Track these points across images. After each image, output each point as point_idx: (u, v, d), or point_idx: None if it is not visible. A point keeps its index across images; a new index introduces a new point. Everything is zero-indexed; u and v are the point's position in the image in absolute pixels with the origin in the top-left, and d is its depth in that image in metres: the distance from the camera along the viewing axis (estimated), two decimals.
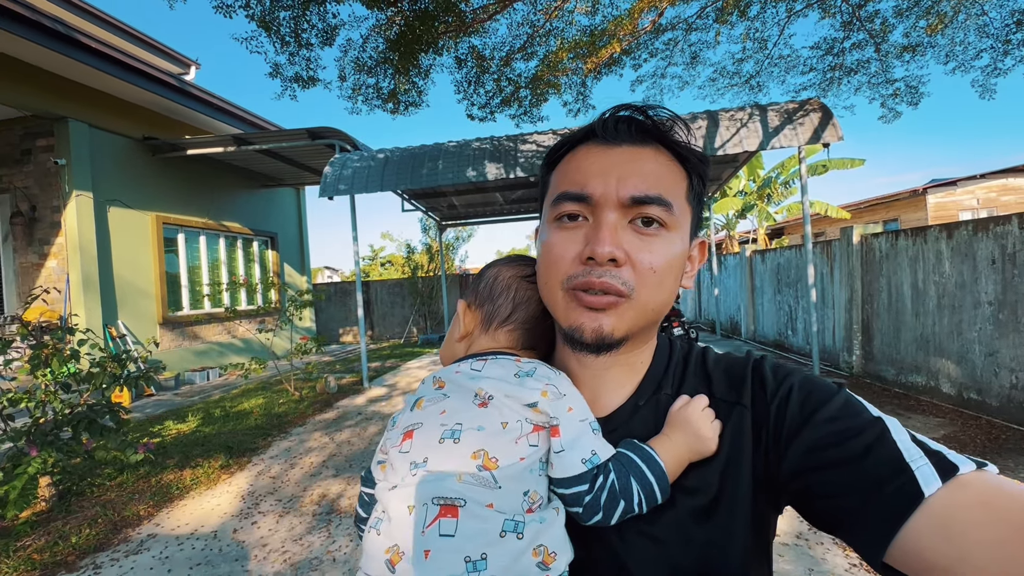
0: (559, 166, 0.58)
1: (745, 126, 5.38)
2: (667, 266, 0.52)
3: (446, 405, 0.53)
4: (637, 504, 0.50)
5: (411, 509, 0.47)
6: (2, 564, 2.58)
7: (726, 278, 10.76)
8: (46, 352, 3.29)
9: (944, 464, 0.41)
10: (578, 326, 0.52)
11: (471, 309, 0.65)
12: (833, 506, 0.44)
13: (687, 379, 0.59)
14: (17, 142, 6.21)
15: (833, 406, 0.48)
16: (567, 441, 0.50)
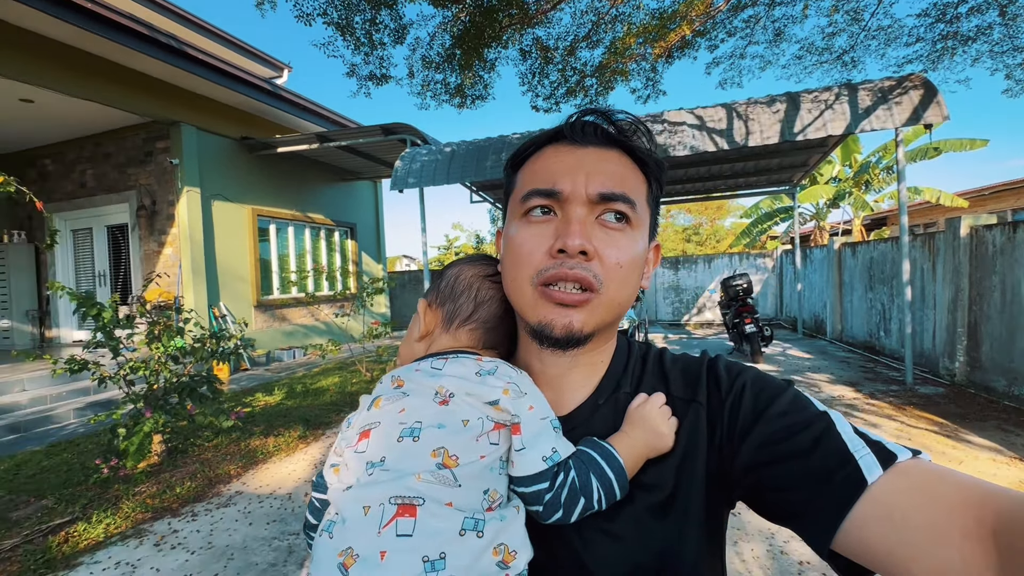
0: (526, 165, 0.59)
1: (831, 108, 4.93)
2: (631, 262, 0.54)
3: (405, 403, 0.52)
4: (597, 501, 0.50)
5: (367, 510, 0.45)
6: (124, 504, 3.06)
7: (811, 272, 9.95)
8: (158, 328, 3.82)
9: (884, 453, 0.43)
10: (548, 322, 0.52)
11: (432, 308, 0.65)
12: (784, 498, 0.46)
13: (645, 378, 0.60)
14: (141, 145, 7.13)
15: (783, 401, 0.50)
16: (528, 439, 0.50)
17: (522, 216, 0.55)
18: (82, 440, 4.32)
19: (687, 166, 8.04)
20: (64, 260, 7.90)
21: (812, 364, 6.64)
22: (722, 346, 8.44)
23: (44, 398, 5.10)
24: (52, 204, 7.70)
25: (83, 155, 7.58)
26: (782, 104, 5.21)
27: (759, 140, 5.14)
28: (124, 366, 3.57)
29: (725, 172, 8.77)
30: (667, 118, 5.60)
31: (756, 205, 15.57)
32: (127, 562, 2.50)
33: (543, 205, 0.54)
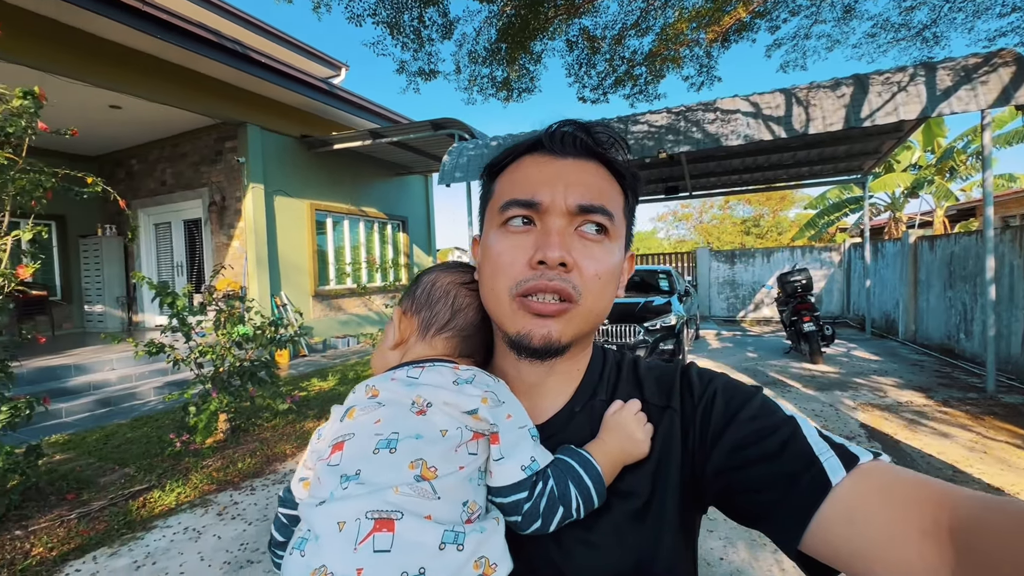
0: (503, 175, 0.58)
1: (904, 90, 4.52)
2: (609, 273, 0.54)
3: (381, 414, 0.51)
4: (575, 509, 0.50)
5: (342, 525, 0.43)
6: (193, 476, 3.36)
7: (882, 268, 9.24)
8: (224, 316, 4.13)
9: (847, 455, 0.44)
10: (526, 332, 0.52)
11: (407, 316, 0.63)
12: (753, 501, 0.47)
13: (620, 385, 0.61)
14: (212, 144, 7.68)
15: (752, 407, 0.51)
16: (506, 448, 0.50)
17: (501, 226, 0.55)
18: (160, 416, 4.76)
19: (743, 155, 7.66)
20: (148, 251, 8.67)
21: (879, 367, 6.19)
22: (779, 345, 8.03)
23: (130, 376, 5.66)
24: (137, 200, 8.47)
25: (163, 155, 8.26)
26: (848, 87, 4.84)
27: (821, 127, 4.81)
28: (194, 350, 3.89)
29: (787, 161, 8.27)
30: (720, 106, 5.35)
31: (823, 195, 14.59)
32: (194, 528, 2.76)
33: (522, 215, 0.54)
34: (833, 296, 11.23)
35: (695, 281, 12.31)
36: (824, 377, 5.72)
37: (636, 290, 7.40)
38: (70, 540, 2.60)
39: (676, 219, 29.89)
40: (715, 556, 2.38)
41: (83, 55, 5.31)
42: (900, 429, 3.93)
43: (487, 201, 0.60)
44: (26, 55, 4.78)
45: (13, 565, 2.37)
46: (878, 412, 4.37)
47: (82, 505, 2.95)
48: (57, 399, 4.79)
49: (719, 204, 27.31)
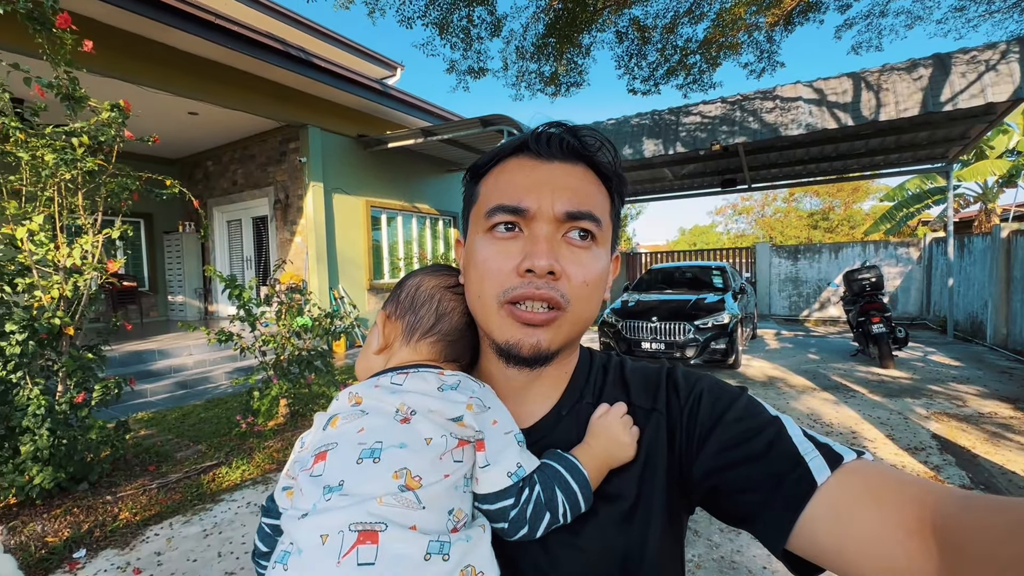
0: (487, 178, 0.57)
1: (993, 69, 4.08)
2: (597, 279, 0.54)
3: (364, 422, 0.49)
4: (562, 514, 0.50)
5: (324, 539, 0.42)
6: (256, 455, 3.64)
7: (969, 265, 8.40)
8: (285, 308, 4.42)
9: (832, 455, 0.45)
10: (515, 342, 0.52)
11: (391, 320, 0.63)
12: (740, 501, 0.48)
13: (607, 388, 0.60)
14: (277, 146, 8.17)
15: (738, 407, 0.52)
16: (492, 455, 0.50)
17: (487, 232, 0.54)
18: (229, 398, 5.17)
19: (808, 145, 7.19)
20: (221, 246, 9.38)
21: (960, 373, 5.67)
22: (845, 347, 7.53)
23: (205, 361, 6.17)
24: (212, 199, 9.16)
25: (234, 157, 8.88)
26: (927, 69, 4.43)
27: (893, 113, 4.44)
28: (258, 339, 4.19)
29: (858, 149, 7.69)
30: (779, 94, 5.06)
31: (901, 185, 13.43)
32: (255, 503, 2.99)
33: (508, 222, 0.53)
34: (911, 296, 10.35)
35: (754, 278, 11.74)
36: (894, 383, 5.31)
37: (688, 287, 7.17)
38: (151, 507, 2.89)
39: (736, 213, 28.52)
40: (758, 565, 2.30)
41: (164, 67, 5.80)
42: (979, 442, 3.60)
43: (471, 205, 0.60)
44: (116, 68, 5.29)
45: (104, 526, 2.68)
46: (955, 423, 4.02)
47: (161, 476, 3.28)
48: (143, 380, 5.31)
49: (783, 197, 25.78)
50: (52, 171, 2.62)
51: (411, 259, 9.89)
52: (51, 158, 2.55)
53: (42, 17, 2.46)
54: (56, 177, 2.68)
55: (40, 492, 2.73)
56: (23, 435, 2.68)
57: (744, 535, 2.53)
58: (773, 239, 24.49)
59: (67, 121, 2.83)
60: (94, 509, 2.83)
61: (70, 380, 2.91)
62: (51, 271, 2.90)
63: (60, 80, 2.65)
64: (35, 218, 2.73)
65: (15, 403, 2.69)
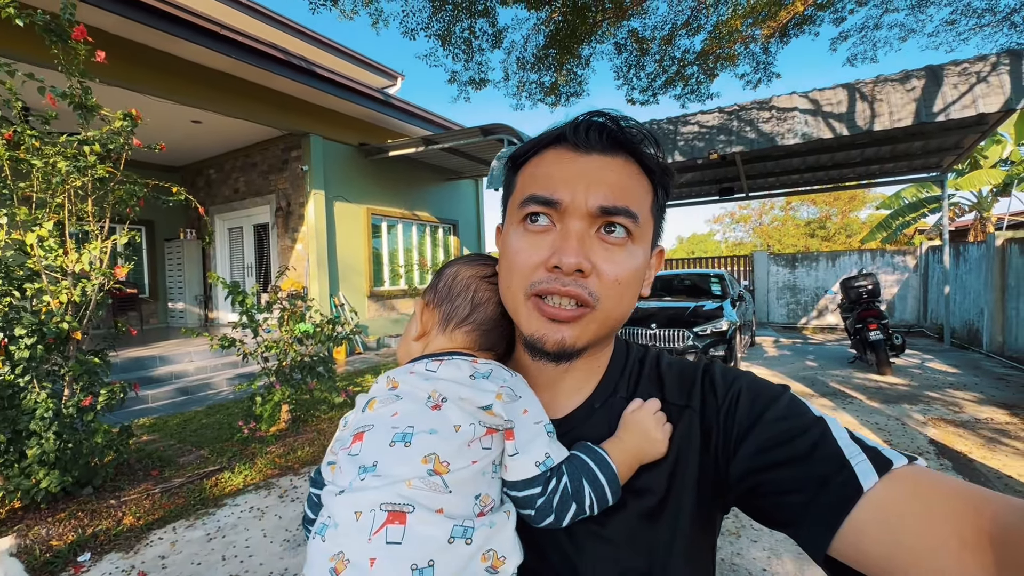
0: (526, 167, 0.56)
1: (984, 80, 4.18)
2: (630, 277, 0.52)
3: (398, 407, 0.51)
4: (589, 506, 0.50)
5: (358, 515, 0.45)
6: (258, 460, 3.65)
7: (964, 273, 8.48)
8: (287, 314, 4.45)
9: (880, 459, 0.43)
10: (540, 336, 0.51)
11: (429, 308, 0.64)
12: (781, 503, 0.46)
13: (641, 382, 0.59)
14: (279, 154, 8.25)
15: (780, 406, 0.49)
16: (521, 444, 0.50)
17: (520, 222, 0.54)
18: (231, 404, 5.18)
19: (804, 154, 7.29)
20: (222, 253, 9.42)
21: (957, 380, 5.71)
22: (842, 354, 7.57)
23: (205, 368, 6.18)
24: (214, 207, 9.22)
25: (236, 165, 8.95)
26: (919, 80, 4.52)
27: (887, 123, 4.53)
28: (261, 345, 4.22)
29: (854, 159, 7.79)
30: (775, 104, 5.15)
31: (897, 194, 13.57)
32: (258, 508, 3.00)
33: (541, 212, 0.52)
34: (907, 303, 10.42)
35: (752, 285, 11.80)
36: (892, 389, 5.35)
37: (687, 294, 7.22)
38: (154, 511, 2.91)
39: (733, 221, 28.71)
40: (758, 567, 2.32)
41: (170, 76, 5.88)
42: (976, 447, 3.63)
43: (509, 194, 0.59)
44: (122, 78, 5.36)
45: (108, 530, 2.69)
46: (951, 428, 4.05)
47: (164, 481, 3.29)
48: (144, 386, 5.32)
49: (780, 205, 25.98)
50: (63, 178, 2.67)
51: (411, 267, 9.94)
52: (63, 165, 2.60)
53: (58, 29, 2.53)
54: (67, 184, 2.73)
55: (45, 496, 2.75)
56: (29, 439, 2.70)
57: (744, 538, 2.55)
58: (771, 247, 24.63)
59: (75, 129, 2.89)
60: (98, 513, 2.85)
61: (76, 384, 2.94)
62: (59, 276, 2.94)
63: (73, 90, 2.71)
64: (45, 224, 2.77)
65: (22, 407, 2.71)
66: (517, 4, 4.84)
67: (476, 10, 4.88)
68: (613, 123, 0.53)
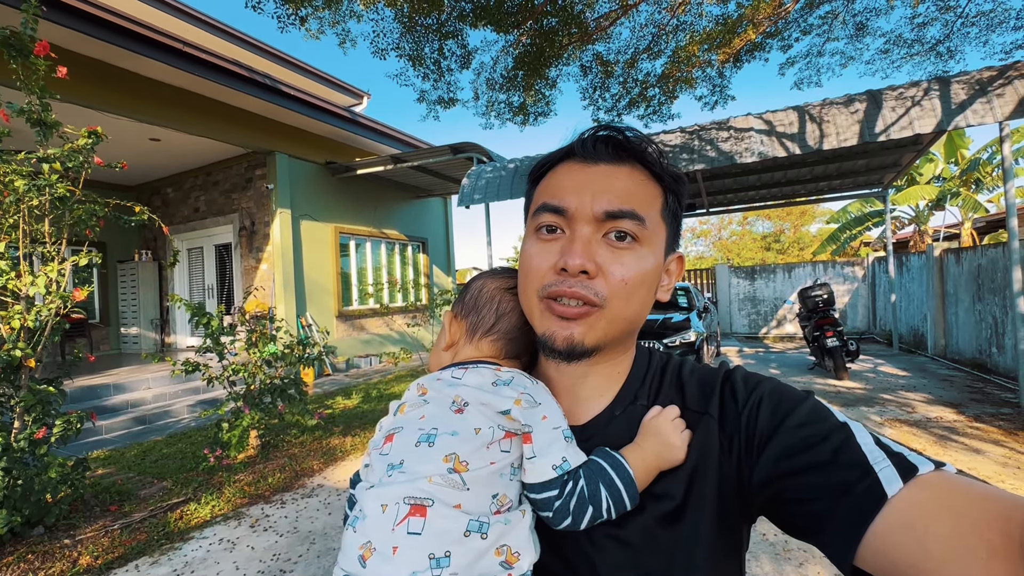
0: (542, 182, 0.61)
1: (918, 104, 4.56)
2: (638, 278, 0.54)
3: (426, 411, 0.55)
4: (606, 510, 0.51)
5: (384, 508, 0.48)
6: (226, 489, 3.49)
7: (908, 282, 9.07)
8: (255, 335, 4.31)
9: (905, 465, 0.42)
10: (550, 334, 0.54)
11: (457, 319, 0.68)
12: (804, 511, 0.45)
13: (663, 389, 0.60)
14: (243, 173, 8.06)
15: (802, 412, 0.49)
16: (539, 448, 0.53)
17: (534, 231, 0.57)
18: (194, 432, 4.94)
19: (759, 171, 7.70)
20: (181, 275, 9.04)
21: (907, 382, 6.06)
22: (802, 361, 7.91)
23: (164, 395, 5.88)
24: (173, 227, 8.88)
25: (197, 183, 8.68)
26: (862, 103, 4.89)
27: (835, 143, 4.86)
28: (227, 368, 4.06)
29: (804, 176, 8.27)
30: (733, 124, 5.44)
31: (844, 209, 14.44)
32: (228, 539, 2.87)
33: (551, 223, 0.56)
34: (858, 311, 11.01)
35: (715, 298, 12.22)
36: (850, 393, 5.62)
37: (655, 307, 7.41)
38: (114, 549, 2.73)
39: (695, 236, 29.72)
40: None
41: (126, 93, 5.70)
42: (929, 445, 3.85)
43: (528, 207, 0.63)
44: (80, 95, 5.16)
45: (63, 573, 2.51)
46: (906, 428, 4.29)
47: (124, 516, 3.10)
48: (98, 417, 5.01)
49: (738, 220, 27.13)
50: (19, 197, 2.54)
51: (380, 285, 9.81)
52: (21, 184, 2.48)
53: (19, 44, 2.43)
54: (23, 203, 2.59)
55: None
56: None
57: None
58: (731, 261, 25.59)
59: (29, 146, 2.76)
60: (51, 554, 2.65)
61: (28, 416, 2.75)
62: (11, 301, 2.77)
63: (32, 106, 2.59)
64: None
65: None
66: (486, 27, 4.97)
67: (446, 31, 4.98)
68: (618, 133, 0.56)
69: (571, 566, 0.54)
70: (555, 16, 4.76)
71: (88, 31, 4.75)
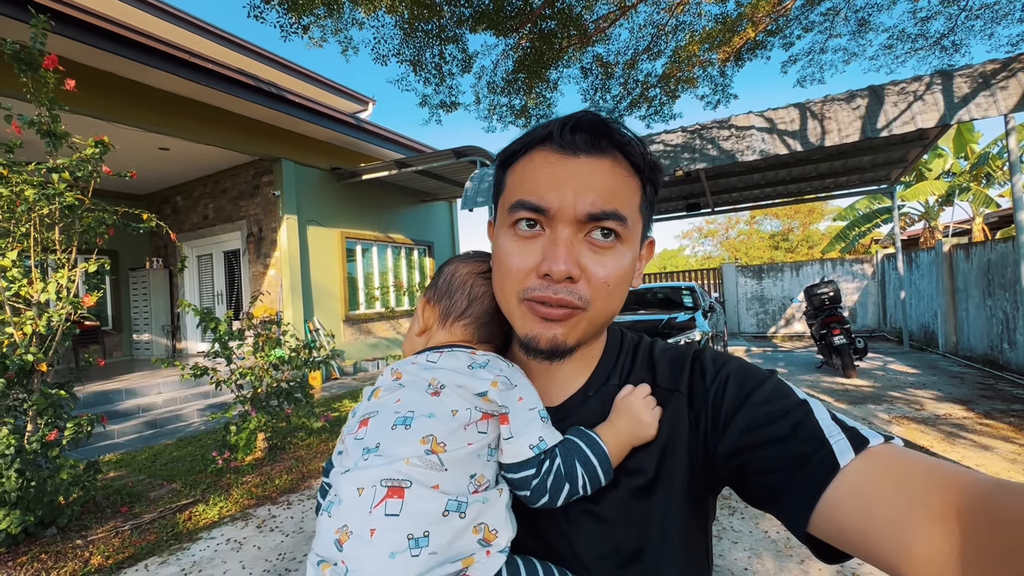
0: (514, 167, 0.57)
1: (921, 99, 4.53)
2: (620, 278, 0.54)
3: (401, 394, 0.55)
4: (582, 486, 0.53)
5: (360, 491, 0.48)
6: (234, 491, 3.54)
7: (918, 279, 8.96)
8: (262, 340, 4.38)
9: (857, 438, 0.44)
10: (534, 336, 0.53)
11: (430, 304, 0.67)
12: (764, 482, 0.48)
13: (635, 369, 0.62)
14: (250, 180, 8.17)
15: (766, 389, 0.51)
16: (515, 428, 0.53)
17: (510, 226, 0.55)
18: (202, 435, 5.01)
19: (764, 170, 7.66)
20: (191, 282, 9.18)
21: (917, 380, 5.99)
22: (810, 360, 7.85)
23: (175, 399, 5.97)
24: (182, 234, 9.02)
25: (205, 191, 8.81)
26: (863, 99, 4.86)
27: (837, 139, 4.83)
28: (235, 372, 4.13)
29: (810, 173, 8.22)
30: (734, 123, 5.43)
31: (852, 206, 14.30)
32: (236, 540, 2.91)
33: (530, 218, 0.53)
34: (868, 309, 10.89)
35: (722, 297, 12.15)
36: (857, 391, 5.57)
37: (660, 307, 7.39)
38: (124, 550, 2.79)
39: (702, 236, 29.59)
40: (739, 567, 2.38)
41: (136, 103, 5.82)
42: (937, 442, 3.81)
43: (499, 193, 0.60)
44: (91, 106, 5.28)
45: (75, 572, 2.57)
46: (914, 425, 4.25)
47: (134, 517, 3.16)
48: (111, 421, 5.09)
49: (745, 219, 26.97)
50: (30, 206, 2.62)
51: (387, 289, 9.89)
52: (31, 193, 2.55)
53: (28, 58, 2.51)
54: (34, 212, 2.67)
55: (6, 538, 2.61)
56: None
57: (725, 539, 2.62)
58: (738, 260, 25.44)
59: (41, 157, 2.84)
60: (63, 554, 2.71)
61: (41, 419, 2.82)
62: (23, 307, 2.85)
63: (42, 118, 2.67)
64: (8, 254, 2.69)
65: None
66: (486, 31, 5.01)
67: (446, 36, 5.04)
68: (599, 122, 0.53)
69: (548, 543, 0.56)
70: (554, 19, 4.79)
71: (97, 44, 4.86)
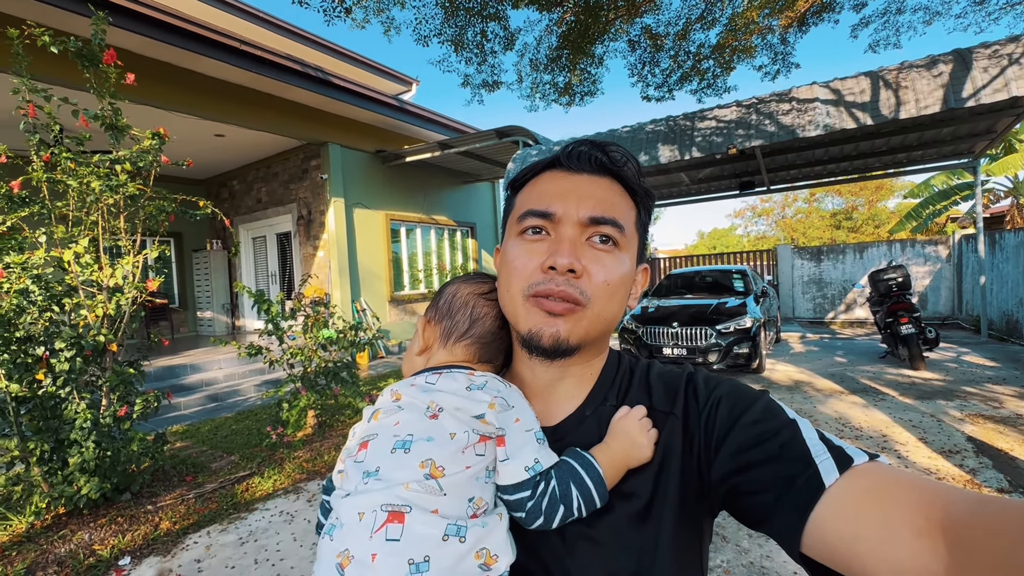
0: (524, 189, 0.63)
1: (1016, 63, 4.01)
2: (618, 280, 0.57)
3: (400, 417, 0.55)
4: (577, 509, 0.53)
5: (361, 515, 0.48)
6: (287, 465, 3.74)
7: (1001, 262, 8.15)
8: (311, 321, 4.54)
9: (843, 457, 0.45)
10: (537, 331, 0.55)
11: (431, 324, 0.68)
12: (755, 503, 0.48)
13: (631, 391, 0.63)
14: (300, 164, 8.41)
15: (756, 409, 0.52)
16: (512, 450, 0.54)
17: (519, 235, 0.60)
18: (259, 410, 5.31)
19: (827, 145, 7.11)
20: (247, 263, 9.65)
21: (996, 373, 5.50)
22: (873, 349, 7.36)
23: (234, 375, 6.34)
24: (238, 217, 9.45)
25: (259, 176, 9.17)
26: (947, 64, 4.36)
27: (914, 111, 4.38)
28: (286, 351, 4.31)
29: (880, 148, 7.56)
30: (795, 96, 5.03)
31: (927, 182, 13.13)
32: (288, 512, 3.07)
33: (537, 225, 0.58)
34: (941, 295, 10.06)
35: (776, 280, 11.56)
36: (926, 384, 5.18)
37: (709, 291, 7.11)
38: (189, 516, 3.00)
39: (755, 215, 28.16)
40: (788, 570, 2.28)
41: (192, 92, 6.06)
42: (1018, 444, 3.49)
43: (508, 213, 0.65)
44: (148, 96, 5.54)
45: (146, 534, 2.79)
46: (991, 425, 3.91)
47: (198, 487, 3.39)
48: (176, 394, 5.49)
49: (804, 197, 25.38)
50: (97, 196, 2.78)
51: (430, 270, 10.03)
52: (97, 184, 2.71)
53: (90, 54, 2.63)
54: (100, 202, 2.84)
55: (87, 502, 2.86)
56: (71, 447, 2.81)
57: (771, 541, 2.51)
58: (795, 240, 24.09)
59: (107, 148, 3.00)
60: (136, 518, 2.95)
61: (113, 394, 3.05)
62: (95, 291, 3.06)
63: (104, 111, 2.82)
64: (81, 241, 2.89)
65: (63, 417, 2.83)
66: (529, 6, 4.84)
67: (487, 14, 4.91)
68: (600, 149, 0.60)
69: (544, 566, 0.56)
70: None
71: (152, 35, 5.07)
